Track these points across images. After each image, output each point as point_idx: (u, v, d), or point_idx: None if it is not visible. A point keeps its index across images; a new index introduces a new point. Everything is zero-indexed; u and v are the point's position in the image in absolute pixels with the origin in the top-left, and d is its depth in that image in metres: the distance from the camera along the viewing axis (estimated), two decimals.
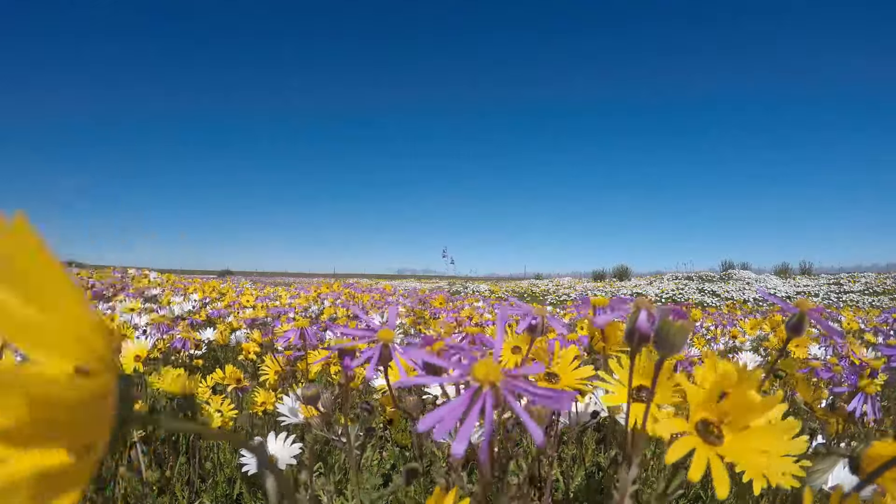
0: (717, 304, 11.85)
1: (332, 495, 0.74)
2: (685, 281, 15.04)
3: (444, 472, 0.50)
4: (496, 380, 0.28)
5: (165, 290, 3.82)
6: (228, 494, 1.26)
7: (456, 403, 0.27)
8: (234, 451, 1.30)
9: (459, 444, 0.26)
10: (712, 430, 0.36)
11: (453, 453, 0.26)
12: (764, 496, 0.89)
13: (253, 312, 2.63)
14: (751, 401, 0.36)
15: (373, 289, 8.11)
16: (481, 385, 0.28)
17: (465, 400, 0.28)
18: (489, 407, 0.27)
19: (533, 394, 0.29)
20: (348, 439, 0.68)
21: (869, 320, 3.46)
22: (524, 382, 0.29)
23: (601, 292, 13.64)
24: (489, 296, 11.47)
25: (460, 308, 3.40)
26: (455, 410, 0.27)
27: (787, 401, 1.10)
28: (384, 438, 1.32)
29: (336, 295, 4.63)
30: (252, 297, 3.45)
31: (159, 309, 2.63)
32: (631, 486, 0.36)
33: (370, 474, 0.91)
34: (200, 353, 1.96)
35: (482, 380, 0.28)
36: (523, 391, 0.29)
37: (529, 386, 0.29)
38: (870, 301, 11.19)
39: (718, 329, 3.69)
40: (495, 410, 0.28)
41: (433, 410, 0.28)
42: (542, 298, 13.26)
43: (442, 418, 0.26)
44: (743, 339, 2.72)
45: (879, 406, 0.86)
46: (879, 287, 12.38)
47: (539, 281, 18.14)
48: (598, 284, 15.96)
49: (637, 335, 0.40)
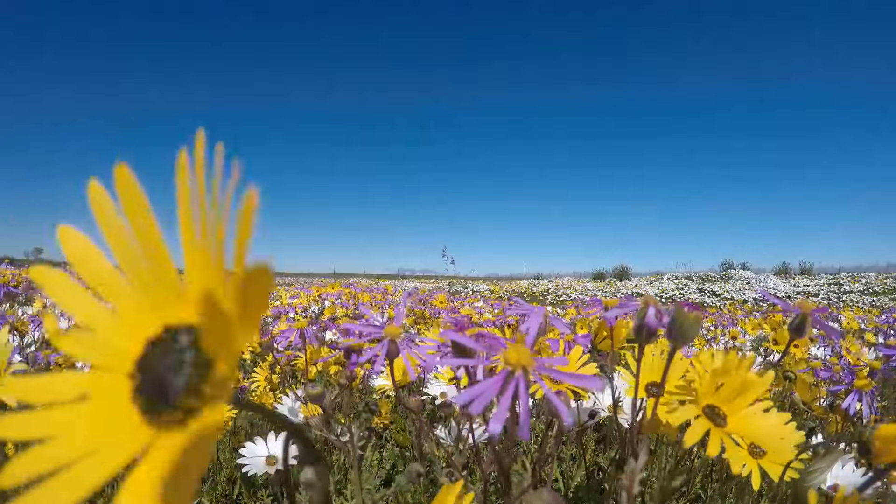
0: (717, 304, 11.86)
1: (332, 495, 0.74)
2: (685, 281, 15.05)
3: (446, 473, 0.50)
4: (528, 364, 0.30)
5: None
6: (228, 494, 1.26)
7: (491, 383, 0.29)
8: (234, 451, 1.30)
9: (496, 423, 0.27)
10: (718, 412, 0.39)
11: (490, 431, 0.27)
12: (764, 496, 0.90)
13: None
14: (748, 381, 0.39)
15: (373, 288, 8.11)
16: (514, 369, 0.30)
17: (498, 381, 0.29)
18: (523, 390, 0.29)
19: (562, 376, 0.30)
20: (349, 439, 0.68)
21: (869, 320, 3.46)
22: (553, 368, 0.31)
23: (601, 292, 13.65)
24: (489, 295, 11.47)
25: (460, 308, 3.40)
26: (490, 389, 0.28)
27: (786, 400, 1.10)
28: (384, 438, 1.32)
29: (336, 295, 4.63)
30: None
31: None
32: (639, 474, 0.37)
33: (370, 474, 0.91)
34: None
35: (515, 364, 0.30)
36: (554, 375, 0.31)
37: (558, 371, 0.31)
38: (870, 301, 11.20)
39: (718, 329, 3.69)
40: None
41: (468, 388, 0.29)
42: (542, 298, 13.27)
43: (478, 395, 0.27)
44: (743, 340, 2.73)
45: (876, 404, 0.86)
46: (879, 287, 12.38)
47: (539, 281, 18.15)
48: (598, 284, 15.97)
49: (645, 330, 0.41)
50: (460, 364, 0.38)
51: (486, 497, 0.48)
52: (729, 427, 0.39)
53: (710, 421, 0.38)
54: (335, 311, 3.16)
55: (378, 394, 1.33)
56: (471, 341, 0.35)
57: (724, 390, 0.39)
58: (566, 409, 0.29)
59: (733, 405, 0.39)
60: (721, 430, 0.37)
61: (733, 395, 0.39)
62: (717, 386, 0.40)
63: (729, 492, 0.92)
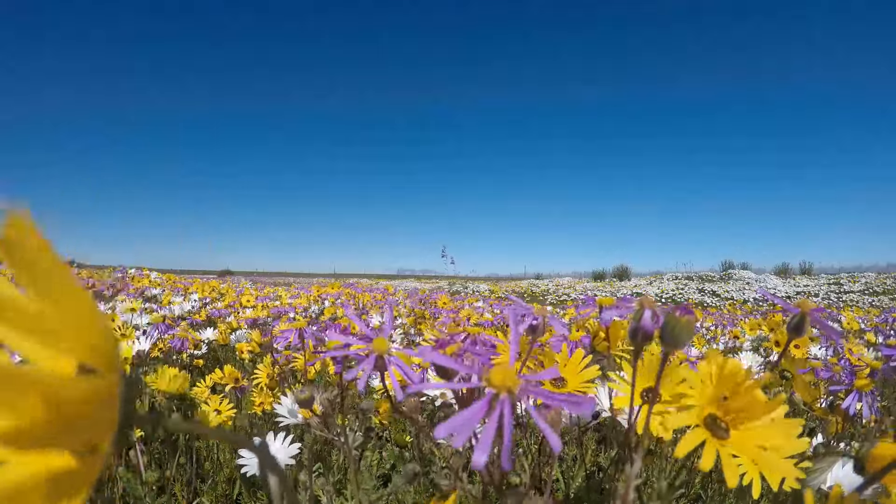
0: (717, 304, 11.85)
1: (332, 495, 0.74)
2: (685, 281, 15.04)
3: (445, 474, 0.50)
4: (514, 386, 0.27)
5: (165, 290, 3.82)
6: (228, 495, 1.26)
7: (473, 411, 0.26)
8: (234, 452, 1.30)
9: (480, 455, 0.24)
10: (720, 424, 0.37)
11: (474, 464, 0.24)
12: (764, 496, 0.89)
13: (253, 312, 2.63)
14: (757, 400, 0.37)
15: (373, 288, 8.11)
16: (498, 391, 0.27)
17: (482, 407, 0.27)
18: (507, 415, 0.26)
19: (553, 400, 0.28)
20: (347, 439, 0.68)
21: (869, 320, 3.46)
22: (542, 389, 0.28)
23: (601, 292, 13.64)
24: (489, 295, 11.47)
25: (460, 308, 3.40)
26: (472, 418, 0.26)
27: (787, 401, 1.10)
28: (384, 438, 1.32)
29: (336, 295, 4.63)
30: (252, 297, 3.45)
31: (160, 309, 2.63)
32: (635, 480, 0.36)
33: (369, 474, 0.91)
34: (201, 354, 1.96)
35: (499, 386, 0.27)
36: (543, 398, 0.28)
37: (548, 393, 0.28)
38: (870, 301, 11.20)
39: (718, 329, 3.69)
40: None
41: (449, 419, 0.26)
42: (542, 298, 13.27)
43: (459, 427, 0.25)
44: (743, 340, 2.72)
45: (876, 405, 0.86)
46: (879, 287, 12.38)
47: (539, 281, 18.14)
48: (598, 284, 15.96)
49: (641, 333, 0.40)
50: (441, 388, 0.36)
51: (486, 497, 0.47)
52: (731, 440, 0.37)
53: (709, 431, 0.36)
54: (335, 312, 3.15)
55: (377, 393, 1.33)
56: (451, 362, 0.32)
57: (731, 402, 0.37)
58: (557, 439, 0.26)
59: (739, 419, 0.37)
60: (719, 441, 0.35)
61: (741, 409, 0.37)
62: (723, 397, 0.38)
63: (729, 492, 0.92)
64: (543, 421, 0.27)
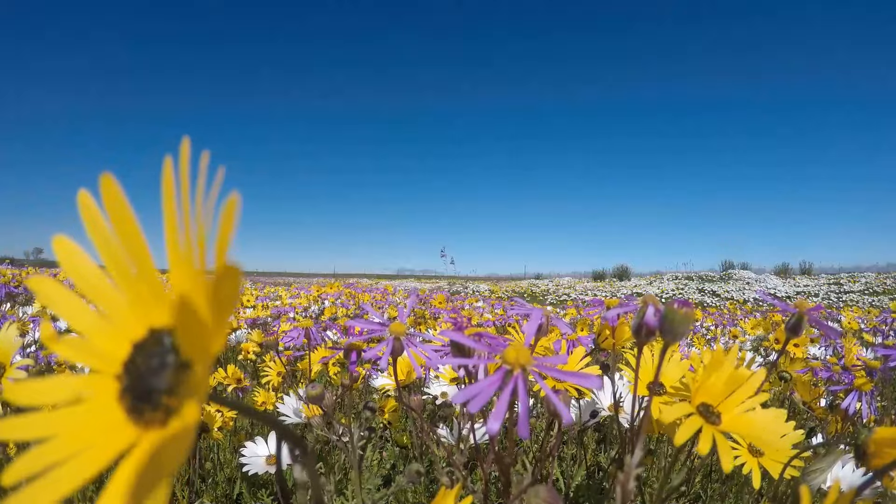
0: (717, 304, 11.85)
1: (333, 495, 0.74)
2: (685, 281, 15.05)
3: (447, 472, 0.50)
4: (527, 363, 0.30)
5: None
6: (228, 494, 1.26)
7: (489, 382, 0.29)
8: (234, 451, 1.30)
9: (495, 421, 0.27)
10: (712, 411, 0.39)
11: (488, 429, 0.27)
12: (764, 495, 0.90)
13: (253, 312, 2.63)
14: (737, 375, 0.39)
15: (373, 288, 8.11)
16: (512, 367, 0.30)
17: (497, 379, 0.29)
18: (522, 388, 0.29)
19: (562, 375, 0.30)
20: (350, 439, 0.68)
21: (869, 320, 3.46)
22: (553, 368, 0.31)
23: (601, 292, 13.64)
24: (489, 296, 11.47)
25: (460, 308, 3.40)
26: (488, 388, 0.28)
27: (786, 401, 1.10)
28: (384, 438, 1.32)
29: (336, 295, 4.63)
30: (252, 296, 3.45)
31: None
32: (635, 470, 0.37)
33: (370, 474, 0.91)
34: None
35: (513, 363, 0.30)
36: (552, 374, 0.31)
37: (559, 371, 0.31)
38: (870, 301, 11.20)
39: (718, 329, 3.69)
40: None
41: (467, 387, 0.29)
42: (542, 298, 13.27)
43: (476, 394, 0.28)
44: (743, 339, 2.73)
45: (875, 404, 0.86)
46: (879, 287, 12.38)
47: (539, 281, 18.14)
48: (598, 284, 15.96)
49: (644, 329, 0.41)
50: (459, 363, 0.38)
51: (487, 497, 0.48)
52: (723, 425, 0.39)
53: (703, 418, 0.38)
54: (335, 311, 3.16)
55: (379, 394, 1.33)
56: (469, 340, 0.35)
57: (716, 387, 0.40)
58: (566, 409, 0.29)
59: (728, 403, 0.40)
60: (714, 427, 0.37)
61: (726, 392, 0.40)
62: (711, 383, 0.40)
63: (729, 492, 0.92)
64: (554, 394, 0.30)
